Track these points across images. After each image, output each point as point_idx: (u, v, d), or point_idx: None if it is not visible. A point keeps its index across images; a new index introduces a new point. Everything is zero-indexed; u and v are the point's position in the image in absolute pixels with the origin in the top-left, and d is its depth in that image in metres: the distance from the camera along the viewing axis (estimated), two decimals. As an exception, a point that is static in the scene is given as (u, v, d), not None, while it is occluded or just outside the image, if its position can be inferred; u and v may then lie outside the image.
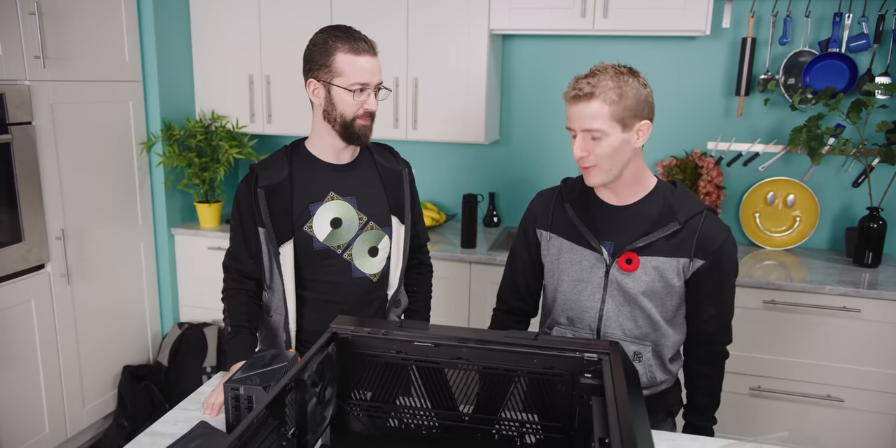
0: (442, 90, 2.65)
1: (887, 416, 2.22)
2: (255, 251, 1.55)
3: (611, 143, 1.26)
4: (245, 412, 1.15)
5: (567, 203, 1.41)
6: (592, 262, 1.36)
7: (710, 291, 1.34)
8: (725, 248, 1.32)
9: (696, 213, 1.32)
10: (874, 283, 2.23)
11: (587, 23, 2.44)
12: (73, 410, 2.51)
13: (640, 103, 1.26)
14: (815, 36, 2.53)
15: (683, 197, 1.35)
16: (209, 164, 2.81)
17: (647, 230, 1.32)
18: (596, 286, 1.36)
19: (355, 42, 1.44)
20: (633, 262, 1.32)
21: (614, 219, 1.36)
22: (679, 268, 1.32)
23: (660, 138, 2.75)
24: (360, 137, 1.51)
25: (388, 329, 1.13)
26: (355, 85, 1.44)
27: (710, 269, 1.32)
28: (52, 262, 2.37)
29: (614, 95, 1.24)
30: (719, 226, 1.34)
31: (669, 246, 1.31)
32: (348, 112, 1.47)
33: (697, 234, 1.31)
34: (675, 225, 1.31)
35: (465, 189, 3.00)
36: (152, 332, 2.89)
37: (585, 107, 1.25)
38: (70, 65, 2.37)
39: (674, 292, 1.34)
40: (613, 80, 1.24)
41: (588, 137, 1.27)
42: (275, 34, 2.76)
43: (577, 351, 1.06)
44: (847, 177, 2.61)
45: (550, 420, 1.09)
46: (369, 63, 1.45)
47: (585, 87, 1.25)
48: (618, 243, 1.34)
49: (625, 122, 1.26)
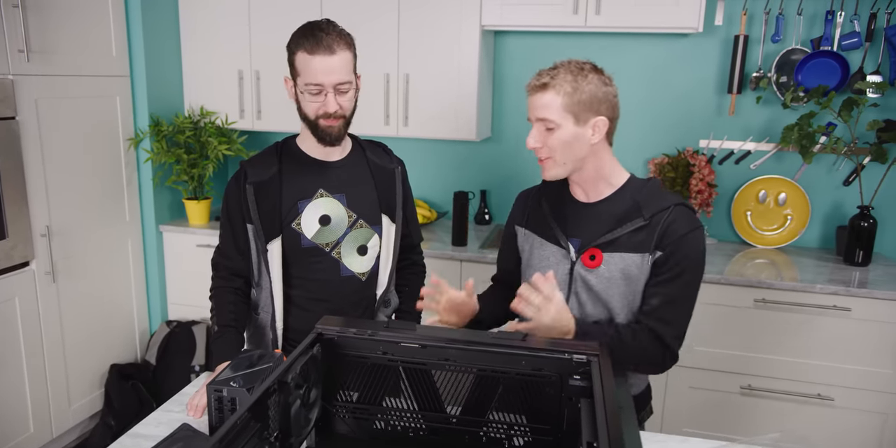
0: (433, 87, 2.62)
1: (877, 415, 2.22)
2: (244, 248, 1.54)
3: (562, 136, 1.28)
4: (228, 414, 1.13)
5: (544, 200, 1.43)
6: (559, 259, 1.37)
7: (660, 282, 1.29)
8: (686, 241, 1.27)
9: (664, 208, 1.30)
10: (864, 281, 2.23)
11: (579, 19, 2.42)
12: (59, 410, 2.48)
13: (595, 99, 1.27)
14: (807, 34, 2.52)
15: (653, 193, 1.34)
16: (198, 160, 2.78)
17: (612, 226, 1.32)
18: (561, 282, 1.36)
19: (312, 40, 1.39)
20: (596, 259, 1.32)
21: (582, 215, 1.37)
22: (642, 263, 1.30)
23: (652, 136, 2.74)
24: (325, 138, 1.47)
25: (374, 330, 1.11)
26: (309, 86, 1.41)
27: (667, 260, 1.28)
28: (37, 260, 2.33)
29: (569, 87, 1.26)
30: (687, 220, 1.29)
31: (633, 242, 1.31)
32: (310, 112, 1.45)
33: (660, 228, 1.29)
34: (639, 221, 1.30)
35: (456, 186, 2.98)
36: (140, 331, 2.86)
37: (541, 96, 1.28)
38: (55, 59, 2.33)
39: (637, 290, 1.32)
40: (572, 73, 1.27)
41: (542, 128, 1.29)
42: (265, 29, 2.73)
43: (565, 352, 1.05)
44: (838, 175, 2.61)
45: (539, 422, 1.08)
46: (323, 63, 1.39)
47: (544, 78, 1.28)
48: (584, 240, 1.35)
49: (578, 116, 1.27)
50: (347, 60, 1.43)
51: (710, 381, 2.34)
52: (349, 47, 1.43)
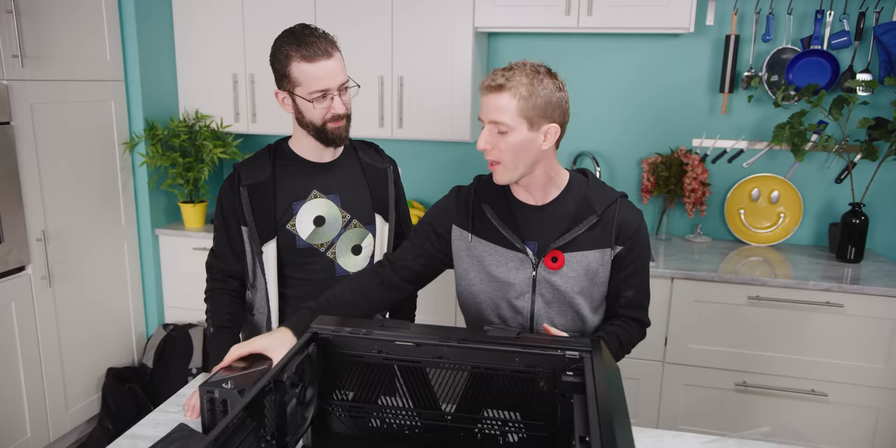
0: (427, 88, 2.64)
1: (870, 410, 2.24)
2: (239, 250, 1.55)
3: (515, 140, 1.25)
4: (220, 415, 1.13)
5: (485, 204, 1.39)
6: (518, 264, 1.35)
7: (628, 275, 1.36)
8: (641, 233, 1.36)
9: (612, 201, 1.35)
10: (857, 278, 2.25)
11: (572, 20, 2.44)
12: (56, 414, 2.48)
13: (550, 105, 1.24)
14: (797, 33, 2.54)
15: (596, 187, 1.37)
16: (193, 163, 2.79)
17: (568, 226, 1.33)
18: (525, 287, 1.35)
19: (307, 48, 1.38)
20: (558, 261, 1.33)
21: (534, 218, 1.36)
22: (603, 258, 1.34)
23: (645, 135, 2.76)
24: (335, 140, 1.49)
25: (369, 328, 1.12)
26: (315, 93, 1.40)
27: (628, 254, 1.35)
28: (33, 264, 2.34)
29: (525, 91, 1.23)
30: (633, 211, 1.37)
31: (591, 239, 1.33)
32: (317, 119, 1.45)
33: (615, 222, 1.33)
34: (593, 217, 1.33)
35: (451, 187, 2.99)
36: (137, 334, 2.86)
37: (495, 98, 1.24)
38: (49, 64, 2.34)
39: (600, 284, 1.36)
40: (528, 76, 1.23)
41: (494, 130, 1.26)
42: (259, 32, 2.74)
43: (558, 349, 1.06)
44: (830, 173, 2.63)
45: (532, 418, 1.09)
46: (324, 68, 1.39)
47: (499, 79, 1.24)
48: (541, 243, 1.34)
49: (532, 121, 1.24)
50: (341, 60, 1.44)
51: (704, 379, 2.36)
52: (337, 47, 1.44)
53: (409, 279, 1.43)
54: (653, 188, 2.69)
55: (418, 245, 1.43)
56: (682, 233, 2.80)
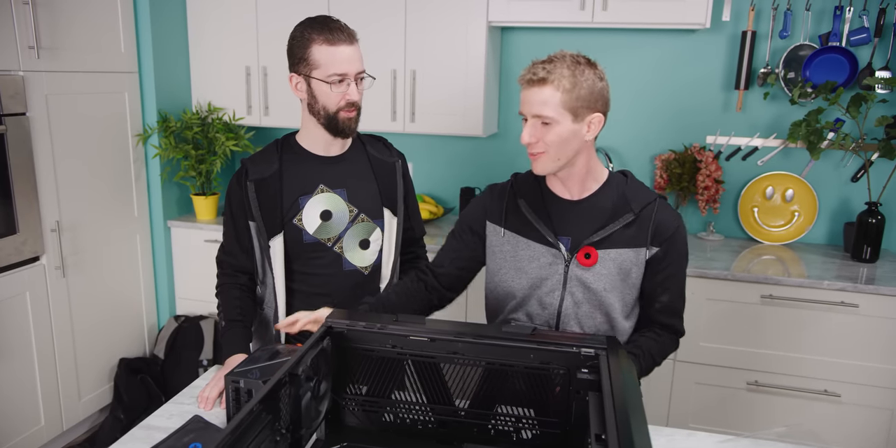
0: (440, 83, 2.63)
1: (884, 411, 2.22)
2: (248, 245, 1.55)
3: (560, 132, 1.24)
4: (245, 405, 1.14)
5: (521, 199, 1.38)
6: (550, 259, 1.33)
7: (663, 279, 1.33)
8: (679, 235, 1.33)
9: (650, 201, 1.32)
10: (872, 278, 2.23)
11: (586, 15, 2.42)
12: (69, 403, 2.50)
13: (593, 95, 1.24)
14: (815, 29, 2.51)
15: (635, 187, 1.35)
16: (206, 156, 2.79)
17: (604, 223, 1.31)
18: (555, 283, 1.33)
19: (330, 32, 1.40)
20: (591, 257, 1.31)
21: (569, 213, 1.34)
22: (637, 258, 1.31)
23: (658, 132, 2.74)
24: (345, 130, 1.49)
25: (383, 323, 1.12)
26: (333, 76, 1.41)
27: (665, 256, 1.32)
28: (47, 255, 2.35)
29: (568, 83, 1.22)
30: (672, 213, 1.34)
31: (626, 237, 1.31)
32: (330, 104, 1.45)
33: (652, 222, 1.30)
34: (630, 215, 1.30)
35: (463, 182, 2.99)
36: (148, 325, 2.88)
37: (538, 92, 1.23)
38: (65, 55, 2.34)
39: (633, 285, 1.33)
40: (570, 68, 1.23)
41: (538, 123, 1.25)
42: (272, 25, 2.74)
43: (574, 346, 1.05)
44: (846, 171, 2.60)
45: (547, 415, 1.08)
46: (345, 53, 1.41)
47: (540, 72, 1.23)
48: (575, 238, 1.32)
49: (576, 112, 1.23)
50: (360, 51, 1.45)
51: (716, 377, 2.35)
52: (357, 39, 1.46)
53: (447, 286, 1.46)
54: (666, 185, 2.67)
55: (455, 247, 1.45)
56: (695, 230, 2.78)
